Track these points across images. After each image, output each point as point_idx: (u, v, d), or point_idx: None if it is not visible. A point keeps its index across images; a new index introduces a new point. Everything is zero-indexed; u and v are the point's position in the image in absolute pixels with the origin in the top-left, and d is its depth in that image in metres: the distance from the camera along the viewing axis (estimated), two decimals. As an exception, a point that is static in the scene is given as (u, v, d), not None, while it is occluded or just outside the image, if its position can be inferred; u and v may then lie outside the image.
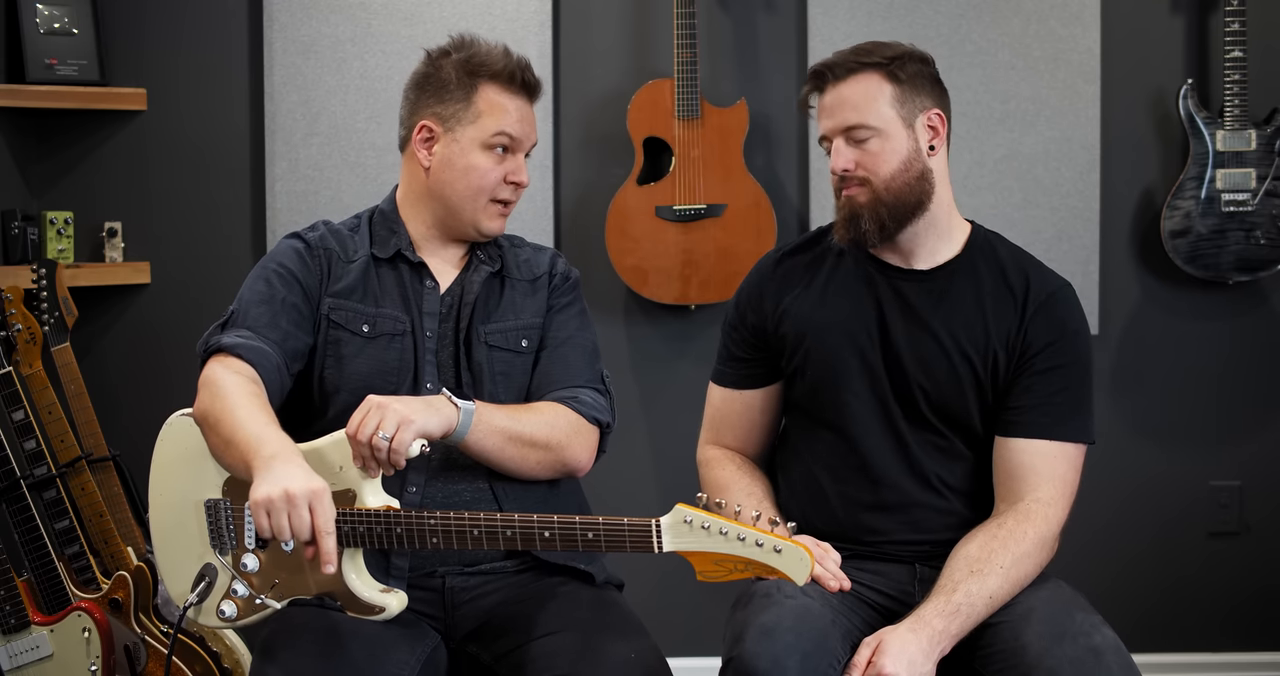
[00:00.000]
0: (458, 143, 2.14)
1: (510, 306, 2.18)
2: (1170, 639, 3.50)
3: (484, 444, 2.01)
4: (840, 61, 2.13)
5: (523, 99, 2.16)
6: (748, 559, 1.77)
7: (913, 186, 2.12)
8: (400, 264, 2.16)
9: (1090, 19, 3.36)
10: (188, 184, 3.46)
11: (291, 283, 2.11)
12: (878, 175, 2.11)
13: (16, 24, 3.27)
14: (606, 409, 2.18)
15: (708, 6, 3.40)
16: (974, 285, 2.16)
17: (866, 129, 2.10)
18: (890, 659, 1.91)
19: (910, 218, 2.13)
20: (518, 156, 2.16)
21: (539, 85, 2.19)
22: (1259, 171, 3.26)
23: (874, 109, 2.10)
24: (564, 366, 2.17)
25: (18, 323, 2.91)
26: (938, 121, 2.14)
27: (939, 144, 2.15)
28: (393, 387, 2.07)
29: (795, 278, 2.24)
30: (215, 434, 1.92)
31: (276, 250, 2.18)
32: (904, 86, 2.11)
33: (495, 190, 2.14)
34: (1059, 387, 2.12)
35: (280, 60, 3.38)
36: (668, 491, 3.49)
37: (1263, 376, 3.47)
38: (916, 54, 2.15)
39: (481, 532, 1.89)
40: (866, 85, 2.11)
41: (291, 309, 2.09)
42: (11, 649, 2.77)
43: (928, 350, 2.14)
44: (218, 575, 1.98)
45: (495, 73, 2.14)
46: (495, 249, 2.22)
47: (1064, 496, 2.11)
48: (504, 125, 2.13)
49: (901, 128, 2.11)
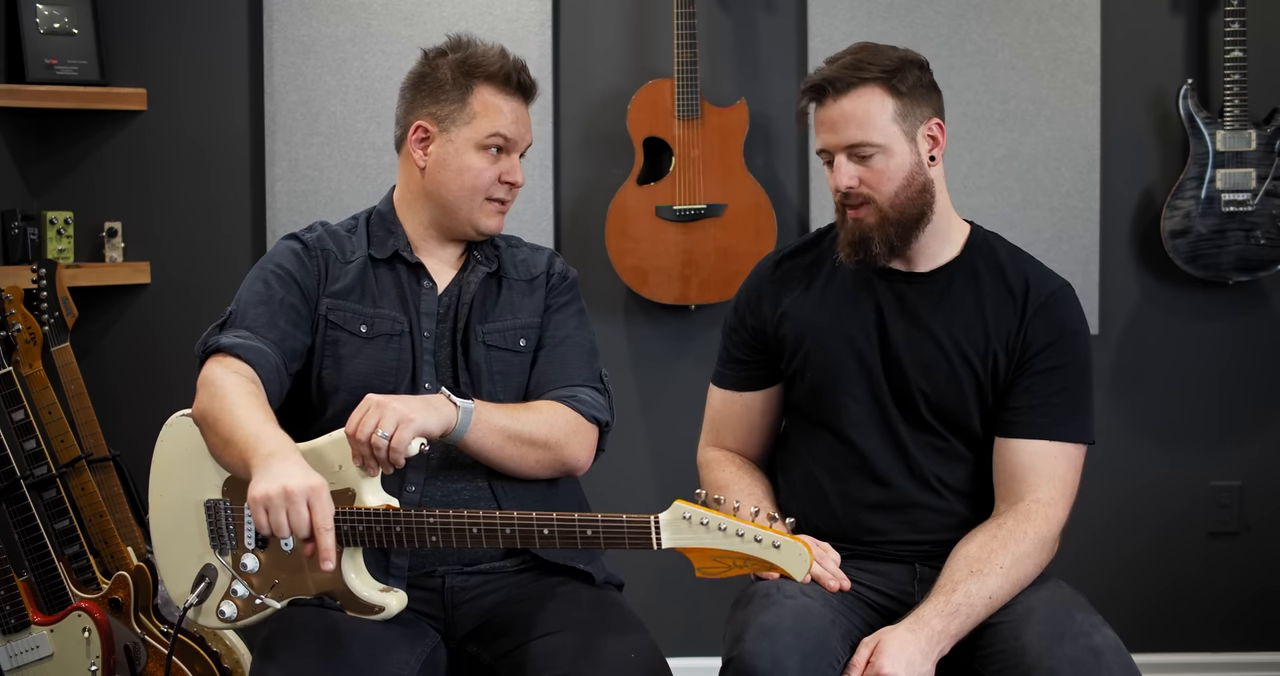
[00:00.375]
0: (452, 143, 2.14)
1: (508, 306, 2.18)
2: (1170, 639, 3.50)
3: (483, 442, 2.02)
4: (840, 76, 2.08)
5: (518, 100, 2.16)
6: (746, 554, 1.77)
7: (915, 201, 2.10)
8: (398, 264, 2.17)
9: (1090, 19, 3.36)
10: (188, 184, 3.46)
11: (289, 283, 2.11)
12: (882, 193, 2.09)
13: (16, 24, 3.27)
14: (605, 407, 2.18)
15: (708, 6, 3.40)
16: (973, 286, 2.15)
17: (871, 146, 2.07)
18: (889, 659, 1.91)
19: (915, 231, 2.12)
20: (512, 157, 2.16)
21: (535, 86, 2.19)
22: (1259, 171, 3.26)
23: (877, 125, 2.07)
24: (562, 365, 2.17)
25: (18, 322, 2.91)
26: (937, 130, 2.13)
27: (939, 153, 2.14)
28: (391, 388, 2.07)
29: (795, 280, 2.24)
30: (214, 433, 1.92)
31: (274, 251, 2.18)
32: (905, 99, 2.08)
33: (490, 189, 2.15)
34: (1059, 388, 2.11)
35: (280, 60, 3.38)
36: (667, 491, 3.48)
37: (1263, 376, 3.47)
38: (913, 60, 2.12)
39: (481, 530, 1.89)
40: (869, 100, 2.07)
41: (290, 309, 2.09)
42: (11, 649, 2.77)
43: (928, 353, 2.14)
44: (217, 575, 1.99)
45: (491, 74, 2.14)
46: (492, 249, 2.22)
47: (1064, 497, 2.10)
48: (498, 126, 2.13)
49: (905, 142, 2.09)
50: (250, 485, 1.81)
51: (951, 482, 2.15)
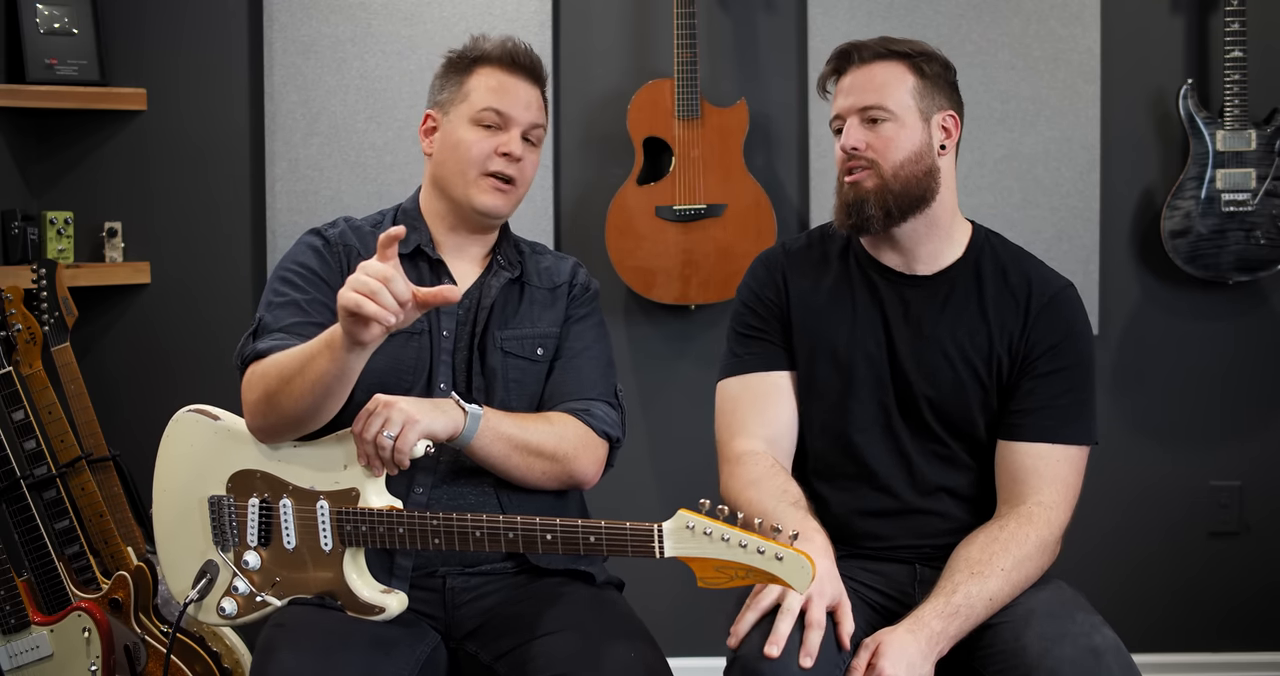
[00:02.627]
0: (450, 122, 2.15)
1: (528, 314, 2.17)
2: (1170, 639, 3.50)
3: (490, 450, 2.02)
4: (868, 45, 2.14)
5: (517, 78, 2.16)
6: (749, 566, 1.77)
7: (920, 180, 2.11)
8: (420, 262, 2.16)
9: (1090, 19, 3.36)
10: (188, 184, 3.46)
11: (314, 280, 2.11)
12: (887, 160, 2.10)
13: (16, 24, 3.27)
14: (617, 423, 2.17)
15: (708, 6, 3.40)
16: (976, 289, 2.15)
17: (884, 111, 2.10)
18: (889, 661, 1.90)
19: (914, 210, 2.12)
20: (511, 132, 2.14)
21: (537, 65, 2.18)
22: (1259, 171, 3.26)
23: (895, 94, 2.10)
24: (577, 377, 2.17)
25: (18, 322, 2.91)
26: (951, 124, 2.15)
27: (950, 145, 2.15)
28: (407, 385, 2.07)
29: (805, 272, 2.22)
30: (289, 386, 1.89)
31: (294, 250, 2.17)
32: (926, 81, 2.12)
33: (485, 163, 2.13)
34: (1062, 390, 2.11)
35: (280, 60, 3.38)
36: (666, 492, 3.49)
37: (1263, 376, 3.47)
38: (941, 58, 2.17)
39: (484, 534, 1.89)
40: (891, 71, 2.12)
41: (320, 307, 2.08)
42: (11, 649, 2.77)
43: (932, 360, 2.13)
44: (219, 572, 1.99)
45: (486, 54, 2.16)
46: (516, 254, 2.21)
47: (1066, 500, 2.10)
48: (490, 100, 2.13)
49: (918, 119, 2.11)
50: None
51: (953, 489, 2.15)
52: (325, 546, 1.94)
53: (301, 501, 1.95)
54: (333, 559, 1.95)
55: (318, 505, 1.94)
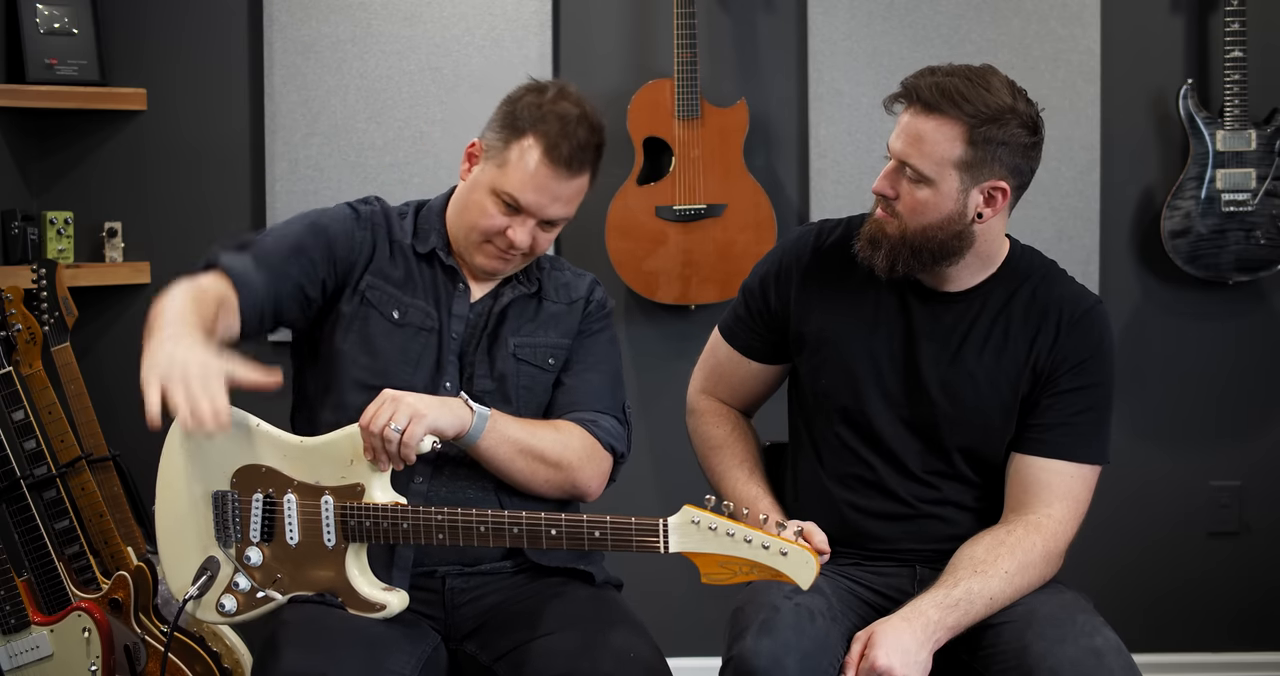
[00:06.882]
0: (482, 173, 2.10)
1: (543, 323, 2.17)
2: (1170, 639, 3.50)
3: (495, 451, 2.02)
4: (933, 97, 1.99)
5: (558, 173, 2.05)
6: (753, 561, 1.77)
7: (944, 243, 2.04)
8: (435, 264, 2.15)
9: (1090, 19, 3.36)
10: (188, 184, 3.46)
11: (323, 238, 2.09)
12: (911, 220, 2.03)
13: (16, 24, 3.27)
14: (624, 438, 2.17)
15: (708, 6, 3.40)
16: (1005, 309, 2.11)
17: (921, 175, 2.01)
18: (882, 651, 1.90)
19: (932, 264, 2.07)
20: (526, 221, 2.08)
21: (588, 159, 2.08)
22: (1259, 171, 3.27)
23: (936, 159, 1.99)
24: (587, 389, 2.17)
25: (18, 322, 2.90)
26: (999, 195, 2.03)
27: (990, 214, 2.04)
28: (408, 377, 2.07)
29: (827, 278, 2.17)
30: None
31: (329, 209, 2.16)
32: (978, 152, 1.99)
33: (490, 236, 2.09)
34: (1083, 408, 2.09)
35: (280, 60, 3.38)
36: (667, 491, 3.49)
37: (1263, 376, 3.47)
38: (1019, 113, 2.01)
39: (489, 529, 1.89)
40: (942, 132, 1.98)
41: (309, 263, 2.07)
42: (11, 649, 2.77)
43: (958, 381, 2.10)
44: (220, 568, 1.98)
45: (545, 132, 2.05)
46: (536, 269, 2.20)
47: (1075, 516, 2.09)
48: (513, 188, 2.05)
49: (956, 191, 2.01)
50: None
51: (963, 501, 2.14)
52: (328, 542, 1.94)
53: (305, 497, 1.95)
54: (335, 555, 1.94)
55: (322, 500, 1.94)
